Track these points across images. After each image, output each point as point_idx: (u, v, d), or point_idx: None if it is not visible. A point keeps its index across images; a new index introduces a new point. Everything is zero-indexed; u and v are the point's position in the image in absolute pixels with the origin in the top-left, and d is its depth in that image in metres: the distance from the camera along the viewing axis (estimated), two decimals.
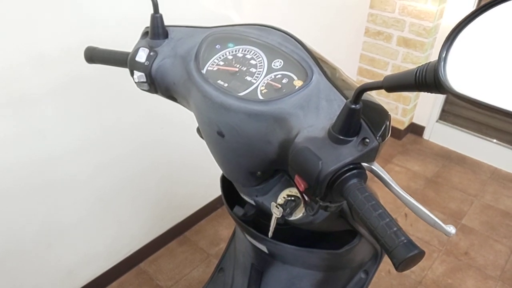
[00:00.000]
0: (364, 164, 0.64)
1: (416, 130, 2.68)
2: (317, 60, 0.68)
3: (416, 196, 2.18)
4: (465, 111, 2.46)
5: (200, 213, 1.95)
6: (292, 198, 0.76)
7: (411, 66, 2.38)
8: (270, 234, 0.81)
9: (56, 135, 1.26)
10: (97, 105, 1.33)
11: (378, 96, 2.59)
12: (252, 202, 0.86)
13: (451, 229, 0.60)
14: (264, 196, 0.82)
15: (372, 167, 0.64)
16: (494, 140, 2.41)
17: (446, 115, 2.55)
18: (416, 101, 2.58)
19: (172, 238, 1.88)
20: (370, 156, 0.58)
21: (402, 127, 2.60)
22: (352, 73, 2.62)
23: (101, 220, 1.53)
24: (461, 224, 2.04)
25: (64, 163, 1.32)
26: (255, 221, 0.93)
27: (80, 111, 1.29)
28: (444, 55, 0.43)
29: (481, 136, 2.45)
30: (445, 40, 0.43)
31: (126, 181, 1.55)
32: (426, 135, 2.65)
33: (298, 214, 0.77)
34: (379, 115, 0.62)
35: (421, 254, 0.49)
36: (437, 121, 2.58)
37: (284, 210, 0.76)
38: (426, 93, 0.47)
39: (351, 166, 0.56)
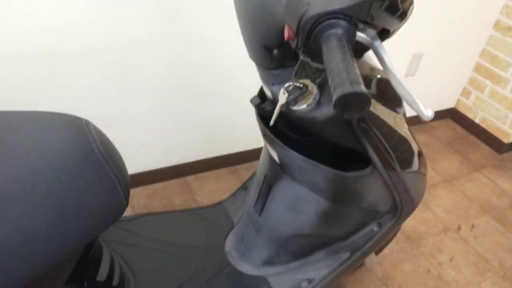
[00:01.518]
0: (362, 35, 0.58)
1: None
2: None
3: (494, 213, 1.93)
4: None
5: (257, 152, 1.96)
6: (300, 86, 0.73)
7: None
8: (271, 122, 0.79)
9: (137, 20, 1.35)
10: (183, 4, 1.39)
11: (489, 100, 2.31)
12: (269, 94, 0.84)
13: (429, 112, 0.53)
14: (279, 85, 0.80)
15: (373, 41, 0.58)
16: None
17: None
18: None
19: (223, 165, 1.92)
20: (361, 10, 0.52)
21: (506, 140, 2.30)
22: (468, 67, 2.36)
23: (161, 119, 1.63)
24: None
25: (139, 51, 1.42)
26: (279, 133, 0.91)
27: (168, 3, 1.37)
28: None
29: None
30: None
31: (194, 91, 1.62)
32: None
33: (302, 105, 0.74)
34: None
35: (363, 96, 0.43)
36: None
37: (289, 95, 0.73)
38: None
39: (339, 16, 0.51)
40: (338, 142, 0.83)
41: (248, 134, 1.89)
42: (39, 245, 0.61)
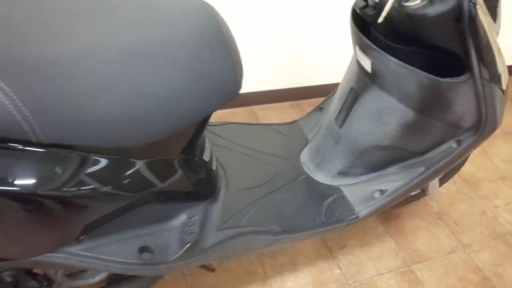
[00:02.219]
0: None
1: None
2: None
3: None
4: None
5: (322, 90, 2.01)
6: None
7: None
8: (380, 19, 0.84)
9: None
10: None
11: None
12: None
13: None
14: None
15: None
16: None
17: None
18: None
19: (287, 99, 1.99)
20: None
21: None
22: None
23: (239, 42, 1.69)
24: None
25: None
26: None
27: None
28: None
29: None
30: None
31: (277, 18, 1.66)
32: None
33: (416, 0, 0.78)
34: None
35: None
36: None
37: None
38: None
39: None
40: (441, 44, 0.87)
41: (317, 70, 1.94)
42: (181, 100, 0.70)
